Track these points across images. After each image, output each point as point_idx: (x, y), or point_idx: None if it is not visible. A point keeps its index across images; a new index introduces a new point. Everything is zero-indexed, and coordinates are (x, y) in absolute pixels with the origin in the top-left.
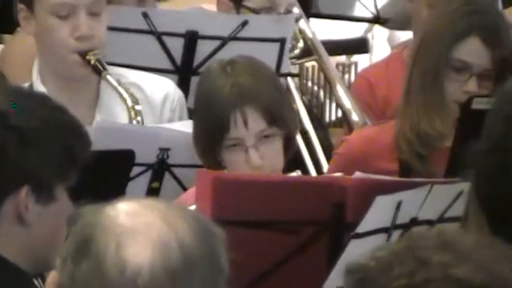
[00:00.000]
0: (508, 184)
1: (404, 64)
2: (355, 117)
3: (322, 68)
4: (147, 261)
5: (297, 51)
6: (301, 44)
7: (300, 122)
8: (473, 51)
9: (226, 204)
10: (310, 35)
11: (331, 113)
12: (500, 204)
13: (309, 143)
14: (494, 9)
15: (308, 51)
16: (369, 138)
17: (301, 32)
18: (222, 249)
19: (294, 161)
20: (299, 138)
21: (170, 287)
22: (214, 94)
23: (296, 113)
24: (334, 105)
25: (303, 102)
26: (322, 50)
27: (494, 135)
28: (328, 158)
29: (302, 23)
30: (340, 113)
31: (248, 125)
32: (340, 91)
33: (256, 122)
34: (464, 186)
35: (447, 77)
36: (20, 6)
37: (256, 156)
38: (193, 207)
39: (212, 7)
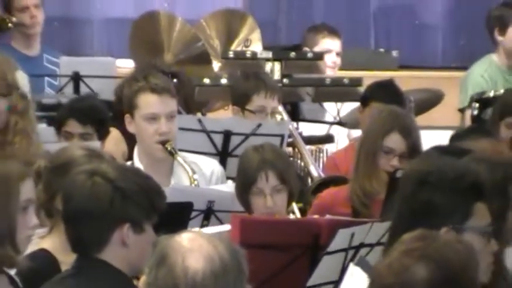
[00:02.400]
0: (413, 223)
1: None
2: (314, 172)
3: (295, 145)
4: (201, 268)
5: None
6: None
7: None
8: (395, 141)
9: (247, 234)
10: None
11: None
12: (407, 230)
13: None
14: (408, 115)
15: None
16: (333, 194)
17: None
18: (244, 261)
19: None
20: None
21: (214, 284)
22: (249, 162)
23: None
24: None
25: None
26: (298, 136)
27: (404, 193)
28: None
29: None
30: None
31: (268, 181)
32: (305, 156)
33: (273, 180)
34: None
35: (380, 157)
36: (126, 115)
37: (270, 201)
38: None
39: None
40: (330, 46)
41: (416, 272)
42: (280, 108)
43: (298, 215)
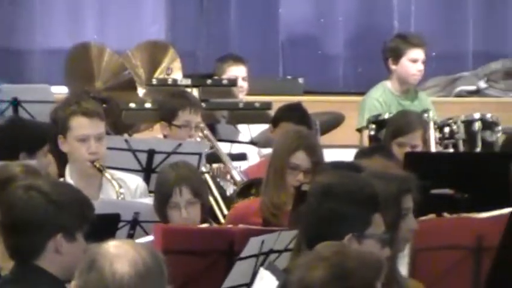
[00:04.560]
0: (319, 231)
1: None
2: (237, 176)
3: (218, 155)
4: (127, 271)
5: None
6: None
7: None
8: (301, 158)
9: (169, 242)
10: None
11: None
12: (313, 238)
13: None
14: (312, 135)
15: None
16: (246, 206)
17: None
18: (165, 265)
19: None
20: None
21: (139, 285)
22: (166, 178)
23: (208, 193)
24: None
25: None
26: (220, 149)
27: (310, 204)
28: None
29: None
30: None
31: (182, 195)
32: (228, 164)
33: (186, 194)
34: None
35: (287, 172)
36: (60, 135)
37: (185, 213)
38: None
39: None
40: (235, 73)
41: (315, 272)
42: (202, 124)
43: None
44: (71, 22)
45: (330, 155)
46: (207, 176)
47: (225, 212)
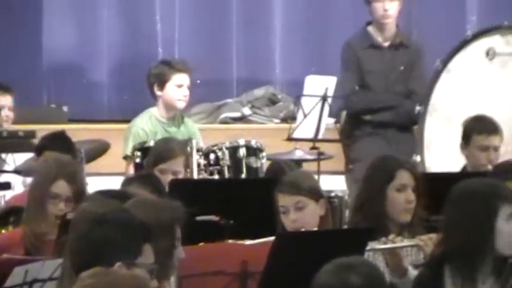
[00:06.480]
0: (89, 259)
1: None
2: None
3: None
4: None
5: None
6: None
7: None
8: (61, 187)
9: None
10: None
11: None
12: (82, 265)
13: None
14: (73, 163)
15: None
16: (8, 236)
17: None
18: None
19: None
20: None
21: None
22: None
23: None
24: None
25: None
26: None
27: (79, 231)
28: None
29: None
30: None
31: None
32: None
33: None
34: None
35: (48, 202)
36: None
37: None
38: None
39: None
40: (1, 102)
41: None
42: None
43: None
44: None
45: (96, 184)
46: None
47: None
